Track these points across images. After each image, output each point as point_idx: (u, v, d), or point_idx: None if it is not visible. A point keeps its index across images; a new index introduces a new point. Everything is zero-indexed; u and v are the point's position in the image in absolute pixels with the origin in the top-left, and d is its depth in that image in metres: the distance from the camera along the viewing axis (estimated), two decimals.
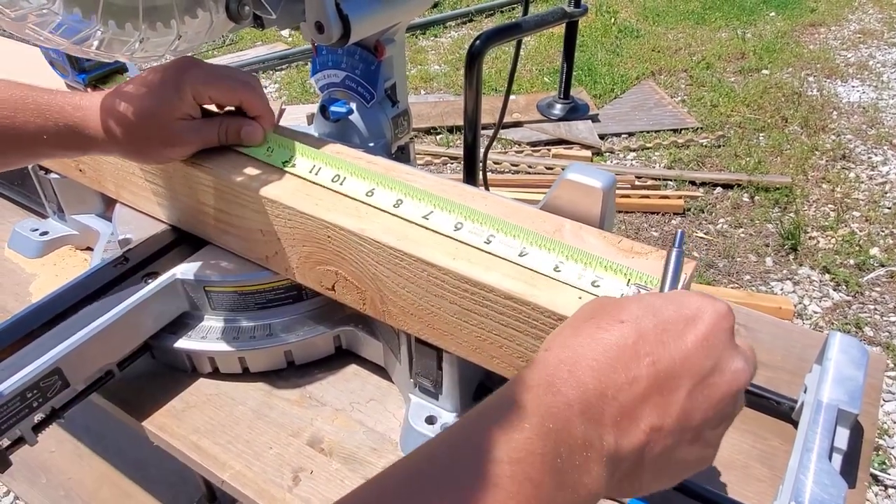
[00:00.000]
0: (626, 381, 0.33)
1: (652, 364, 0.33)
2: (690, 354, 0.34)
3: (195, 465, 0.62)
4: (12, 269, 0.85)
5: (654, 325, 0.34)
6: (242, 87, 0.61)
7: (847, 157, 2.75)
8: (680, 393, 0.33)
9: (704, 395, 0.34)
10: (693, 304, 0.36)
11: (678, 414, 0.33)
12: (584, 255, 0.48)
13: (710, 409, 0.34)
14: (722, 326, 0.35)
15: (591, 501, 0.32)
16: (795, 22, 4.03)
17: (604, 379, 0.33)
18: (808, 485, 0.46)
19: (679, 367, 0.34)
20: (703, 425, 0.34)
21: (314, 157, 0.61)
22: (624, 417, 0.32)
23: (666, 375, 0.33)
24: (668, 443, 0.33)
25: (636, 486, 0.35)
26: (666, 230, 2.39)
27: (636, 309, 0.35)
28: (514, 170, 2.65)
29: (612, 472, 0.32)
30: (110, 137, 0.58)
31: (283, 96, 3.38)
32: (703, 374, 0.34)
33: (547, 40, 3.81)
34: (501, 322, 0.49)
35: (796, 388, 0.65)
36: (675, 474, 0.36)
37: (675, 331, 0.35)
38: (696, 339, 0.34)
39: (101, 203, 0.85)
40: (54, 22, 0.50)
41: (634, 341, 0.34)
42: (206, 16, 0.58)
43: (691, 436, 0.34)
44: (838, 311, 2.05)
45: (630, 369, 0.33)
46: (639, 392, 0.33)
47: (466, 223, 0.52)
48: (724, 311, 0.36)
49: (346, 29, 0.64)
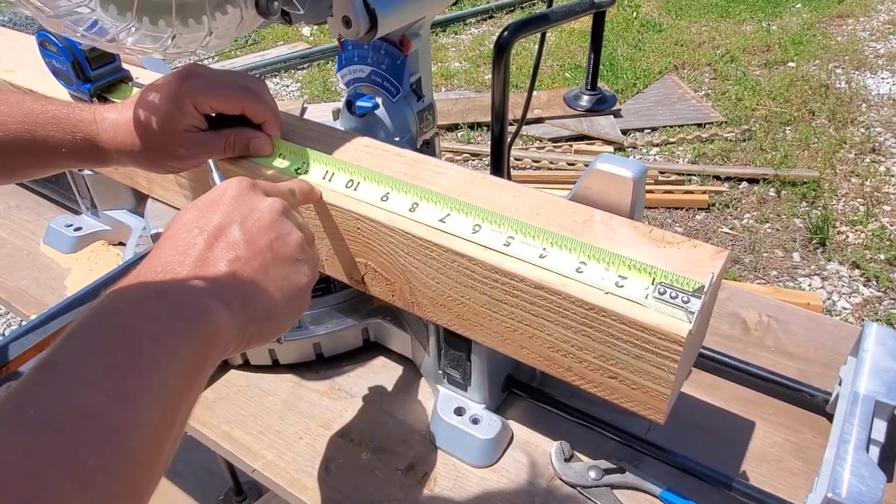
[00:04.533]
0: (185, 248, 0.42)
1: (200, 230, 0.43)
2: (227, 208, 0.44)
3: (227, 455, 0.63)
4: (48, 265, 0.87)
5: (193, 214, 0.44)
6: (244, 94, 0.59)
7: (877, 151, 2.69)
8: (233, 231, 0.43)
9: (255, 225, 0.44)
10: (220, 186, 0.47)
11: (244, 242, 0.43)
12: (606, 255, 0.47)
13: (266, 231, 0.44)
14: (243, 187, 0.46)
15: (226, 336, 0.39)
16: (822, 13, 3.96)
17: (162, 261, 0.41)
18: (846, 476, 0.46)
19: (222, 219, 0.44)
20: (274, 244, 0.44)
21: (327, 162, 0.59)
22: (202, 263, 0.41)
23: (215, 229, 0.43)
24: (255, 264, 0.43)
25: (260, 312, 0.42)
26: (690, 225, 2.37)
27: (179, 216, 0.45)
28: (536, 166, 2.64)
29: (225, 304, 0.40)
30: (122, 150, 0.58)
31: (304, 95, 3.41)
32: (243, 214, 0.45)
33: (568, 35, 3.79)
34: (532, 312, 0.49)
35: (829, 380, 0.64)
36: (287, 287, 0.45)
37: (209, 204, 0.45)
38: (227, 199, 0.45)
39: (132, 199, 0.87)
40: (90, 19, 0.51)
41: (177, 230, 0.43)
42: (237, 11, 0.59)
43: (271, 255, 0.44)
44: (868, 307, 2.01)
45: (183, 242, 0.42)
46: (201, 248, 0.42)
47: (485, 225, 0.51)
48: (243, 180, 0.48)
49: (372, 23, 0.64)
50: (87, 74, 0.71)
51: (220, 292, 0.40)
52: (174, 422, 0.35)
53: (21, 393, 0.31)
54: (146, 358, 0.34)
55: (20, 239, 0.92)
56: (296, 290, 0.46)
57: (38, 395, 0.31)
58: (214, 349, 0.39)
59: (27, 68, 0.82)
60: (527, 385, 0.66)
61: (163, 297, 0.38)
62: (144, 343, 0.35)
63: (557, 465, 0.60)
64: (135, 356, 0.34)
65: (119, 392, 0.32)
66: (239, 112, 0.60)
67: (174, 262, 0.41)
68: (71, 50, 0.70)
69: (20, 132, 0.57)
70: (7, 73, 0.82)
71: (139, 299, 0.38)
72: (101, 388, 0.32)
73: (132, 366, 0.34)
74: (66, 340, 0.34)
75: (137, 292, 0.38)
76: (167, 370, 0.35)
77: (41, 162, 0.60)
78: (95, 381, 0.32)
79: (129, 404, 0.32)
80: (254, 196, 0.47)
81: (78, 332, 0.35)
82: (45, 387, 0.31)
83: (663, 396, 0.47)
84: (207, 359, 0.39)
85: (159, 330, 0.36)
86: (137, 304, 0.37)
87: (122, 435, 0.31)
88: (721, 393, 0.67)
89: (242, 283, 0.42)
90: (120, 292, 0.38)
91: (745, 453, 0.61)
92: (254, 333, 0.43)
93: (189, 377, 0.37)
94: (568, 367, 0.51)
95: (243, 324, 0.41)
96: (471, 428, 0.62)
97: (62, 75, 0.73)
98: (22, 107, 0.58)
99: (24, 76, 0.81)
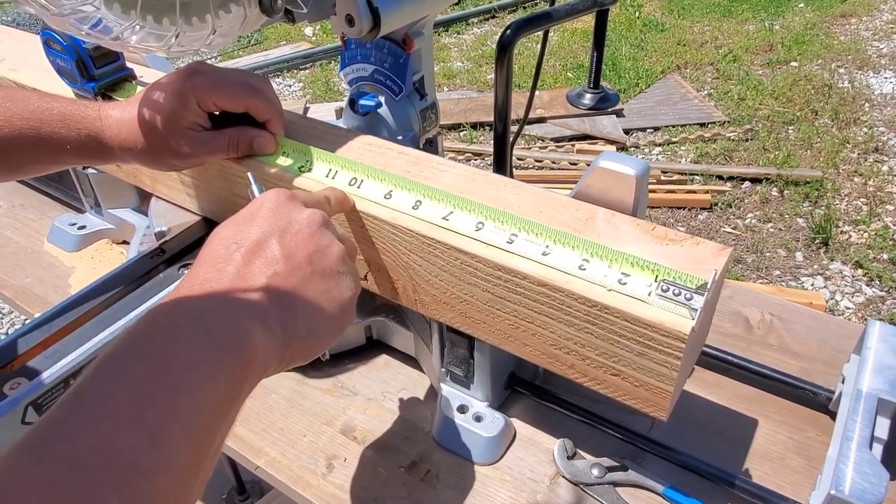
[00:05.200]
0: (222, 266, 0.40)
1: (237, 246, 0.41)
2: (264, 222, 0.43)
3: (231, 452, 0.63)
4: (52, 263, 0.88)
5: (230, 229, 0.43)
6: (247, 92, 0.59)
7: (880, 150, 2.68)
8: (271, 246, 0.42)
9: (293, 238, 0.43)
10: (257, 200, 0.46)
11: (282, 258, 0.42)
12: (609, 252, 0.47)
13: (305, 244, 0.43)
14: (280, 199, 0.45)
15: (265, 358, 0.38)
16: (825, 13, 3.95)
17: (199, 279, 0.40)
18: (849, 474, 0.46)
19: (259, 234, 0.42)
20: (313, 258, 0.43)
21: (330, 160, 0.59)
22: (239, 280, 0.40)
23: (253, 244, 0.42)
24: (294, 279, 0.41)
25: (301, 330, 0.41)
26: (692, 225, 2.36)
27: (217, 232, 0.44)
28: (539, 165, 2.64)
29: (263, 324, 0.38)
30: (126, 147, 0.59)
31: (307, 95, 3.41)
32: (281, 227, 0.43)
33: (570, 35, 3.79)
34: (535, 309, 0.49)
35: (832, 378, 0.64)
36: (328, 303, 0.43)
37: (247, 219, 0.44)
38: (264, 213, 0.44)
39: (136, 197, 0.87)
40: (94, 18, 0.51)
41: (214, 246, 0.42)
42: (240, 10, 0.59)
43: (311, 270, 0.42)
44: (872, 307, 2.01)
45: (220, 259, 0.41)
46: (238, 265, 0.40)
47: (488, 223, 0.51)
48: (281, 192, 0.46)
49: (375, 22, 0.64)
50: (91, 73, 0.72)
51: (258, 312, 0.39)
52: (205, 455, 0.34)
53: (49, 426, 0.30)
54: (180, 387, 0.33)
55: (24, 237, 0.93)
56: (338, 305, 0.44)
57: (65, 429, 0.30)
58: (252, 373, 0.37)
59: (31, 67, 0.83)
60: (530, 383, 0.66)
61: (198, 320, 0.37)
62: (178, 371, 0.34)
63: (560, 463, 0.60)
64: (167, 386, 0.33)
65: (149, 426, 0.31)
66: (243, 110, 0.61)
67: (210, 281, 0.39)
68: (75, 48, 0.70)
69: (26, 129, 0.58)
70: (11, 71, 0.83)
71: (174, 323, 0.36)
72: (130, 421, 0.31)
73: (164, 397, 0.32)
74: (99, 367, 0.33)
75: (173, 315, 0.37)
76: (201, 400, 0.33)
77: (47, 158, 0.60)
78: (124, 413, 0.31)
79: (157, 440, 0.31)
80: (292, 208, 0.45)
81: (111, 358, 0.34)
82: (73, 420, 0.30)
83: (666, 393, 0.47)
84: (244, 384, 0.37)
85: (194, 356, 0.35)
86: (172, 329, 0.36)
87: (148, 476, 0.30)
88: (724, 391, 0.67)
89: (281, 300, 0.40)
90: (156, 314, 0.37)
91: (749, 451, 0.61)
92: (295, 352, 0.41)
93: (224, 406, 0.35)
94: (571, 364, 0.51)
95: (283, 343, 0.40)
96: (474, 425, 0.62)
97: (66, 74, 0.73)
98: (27, 104, 0.58)
99: (29, 75, 0.81)
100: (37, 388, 0.55)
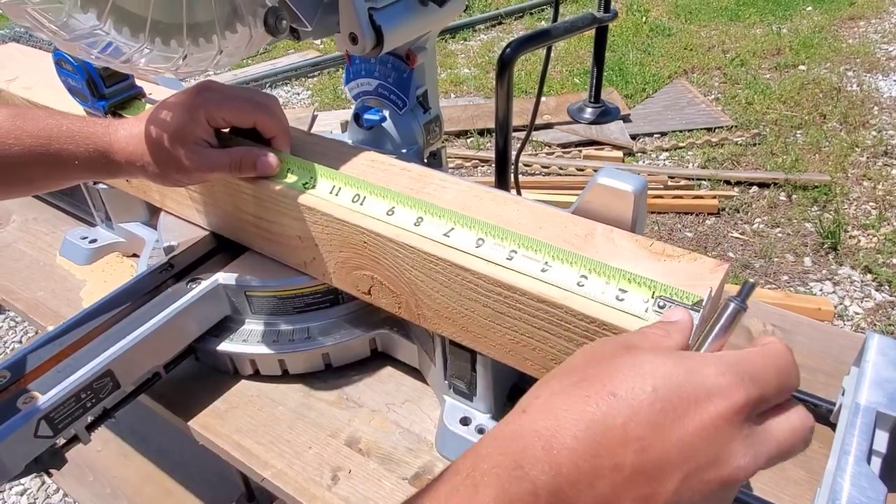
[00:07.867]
0: (607, 467, 0.29)
1: (641, 451, 0.29)
2: (688, 442, 0.29)
3: (238, 464, 0.64)
4: (64, 276, 0.89)
5: (652, 402, 0.30)
6: (256, 109, 0.61)
7: (889, 154, 2.67)
8: (667, 486, 0.29)
9: (694, 489, 0.29)
10: (709, 381, 0.30)
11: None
12: (607, 269, 0.48)
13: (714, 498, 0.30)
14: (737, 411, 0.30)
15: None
16: (833, 16, 3.93)
17: (581, 464, 0.29)
18: (846, 488, 0.46)
19: (672, 455, 0.29)
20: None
21: (334, 177, 0.61)
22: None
23: (654, 465, 0.29)
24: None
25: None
26: (700, 230, 2.36)
27: (632, 379, 0.31)
28: (546, 171, 2.65)
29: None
30: (133, 162, 0.60)
31: (315, 102, 3.44)
32: (698, 465, 0.29)
33: (577, 41, 3.79)
34: (534, 325, 0.50)
35: (834, 390, 0.65)
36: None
37: (677, 411, 0.30)
38: (700, 424, 0.29)
39: (146, 212, 0.89)
40: (104, 42, 0.53)
41: (624, 421, 0.29)
42: (246, 31, 0.60)
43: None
44: (881, 312, 2.00)
45: (615, 455, 0.29)
46: (619, 481, 0.29)
47: (488, 239, 0.52)
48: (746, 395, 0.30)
49: (378, 39, 0.66)
50: (101, 92, 0.74)
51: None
52: None
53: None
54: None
55: (37, 251, 0.95)
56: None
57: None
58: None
59: (44, 85, 0.85)
60: None
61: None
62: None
63: None
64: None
65: None
66: (251, 125, 0.62)
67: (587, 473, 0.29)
68: (86, 69, 0.72)
69: (35, 146, 0.59)
70: (25, 90, 0.85)
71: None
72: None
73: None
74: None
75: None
76: None
77: (57, 174, 0.62)
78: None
79: None
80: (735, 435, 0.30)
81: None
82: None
83: None
84: None
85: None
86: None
87: None
88: None
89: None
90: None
91: None
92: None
93: None
94: None
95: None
96: (477, 437, 0.63)
97: (77, 93, 0.75)
98: (37, 122, 0.60)
99: (41, 93, 0.83)
100: (49, 403, 0.56)
